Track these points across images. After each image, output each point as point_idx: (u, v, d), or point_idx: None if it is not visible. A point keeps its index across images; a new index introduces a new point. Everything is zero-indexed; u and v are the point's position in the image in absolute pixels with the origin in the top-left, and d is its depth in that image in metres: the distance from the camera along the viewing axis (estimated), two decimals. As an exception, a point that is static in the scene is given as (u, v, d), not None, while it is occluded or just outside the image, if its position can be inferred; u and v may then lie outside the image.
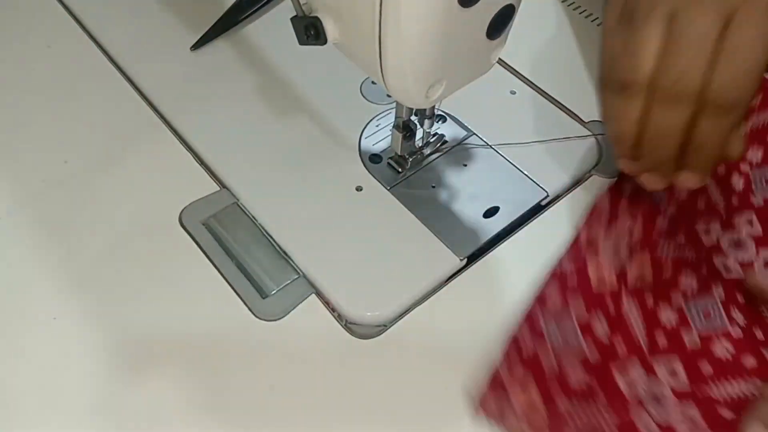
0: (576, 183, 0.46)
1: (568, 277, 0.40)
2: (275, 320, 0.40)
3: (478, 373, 0.38)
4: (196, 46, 0.52)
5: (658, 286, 0.39)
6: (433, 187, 0.45)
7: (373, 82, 0.50)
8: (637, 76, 0.33)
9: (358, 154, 0.47)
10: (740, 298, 0.37)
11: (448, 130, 0.48)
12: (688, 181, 0.36)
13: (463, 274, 0.42)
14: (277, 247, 0.42)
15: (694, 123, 0.33)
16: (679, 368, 0.36)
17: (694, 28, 0.32)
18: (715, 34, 0.32)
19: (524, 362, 0.37)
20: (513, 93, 0.51)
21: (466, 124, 0.48)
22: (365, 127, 0.48)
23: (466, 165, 0.46)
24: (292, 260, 0.42)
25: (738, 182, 0.38)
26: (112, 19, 0.54)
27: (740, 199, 0.38)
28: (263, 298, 0.40)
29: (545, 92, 0.51)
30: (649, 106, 0.33)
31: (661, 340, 0.37)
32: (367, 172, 0.46)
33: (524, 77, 0.52)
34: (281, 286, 0.41)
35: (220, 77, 0.51)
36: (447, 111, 0.49)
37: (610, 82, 0.35)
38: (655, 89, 0.33)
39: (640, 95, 0.33)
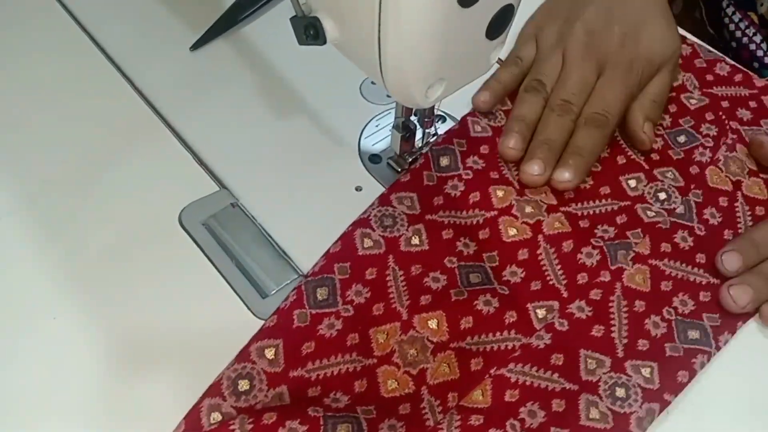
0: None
1: None
2: (275, 320, 0.40)
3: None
4: (196, 46, 0.52)
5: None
6: (433, 187, 0.45)
7: (372, 82, 0.50)
8: (546, 84, 0.46)
9: (357, 154, 0.47)
10: None
11: (447, 130, 0.48)
12: (562, 176, 0.43)
13: (463, 273, 0.42)
14: (277, 247, 0.42)
15: (575, 130, 0.44)
16: None
17: (578, 71, 0.45)
18: (593, 78, 0.45)
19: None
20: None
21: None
22: (365, 127, 0.48)
23: (465, 165, 0.46)
24: (292, 260, 0.42)
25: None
26: (112, 19, 0.54)
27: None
28: (263, 298, 0.40)
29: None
30: (548, 106, 0.45)
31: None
32: (366, 172, 0.46)
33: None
34: (281, 286, 0.41)
35: (219, 77, 0.51)
36: (447, 111, 0.49)
37: (529, 81, 0.47)
38: (554, 98, 0.45)
39: (544, 95, 0.45)
